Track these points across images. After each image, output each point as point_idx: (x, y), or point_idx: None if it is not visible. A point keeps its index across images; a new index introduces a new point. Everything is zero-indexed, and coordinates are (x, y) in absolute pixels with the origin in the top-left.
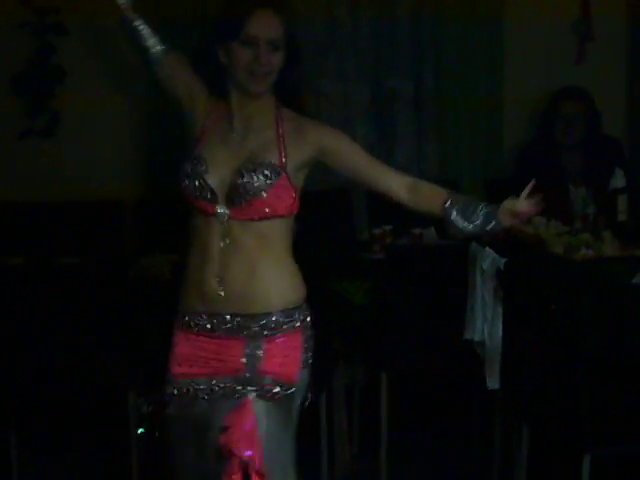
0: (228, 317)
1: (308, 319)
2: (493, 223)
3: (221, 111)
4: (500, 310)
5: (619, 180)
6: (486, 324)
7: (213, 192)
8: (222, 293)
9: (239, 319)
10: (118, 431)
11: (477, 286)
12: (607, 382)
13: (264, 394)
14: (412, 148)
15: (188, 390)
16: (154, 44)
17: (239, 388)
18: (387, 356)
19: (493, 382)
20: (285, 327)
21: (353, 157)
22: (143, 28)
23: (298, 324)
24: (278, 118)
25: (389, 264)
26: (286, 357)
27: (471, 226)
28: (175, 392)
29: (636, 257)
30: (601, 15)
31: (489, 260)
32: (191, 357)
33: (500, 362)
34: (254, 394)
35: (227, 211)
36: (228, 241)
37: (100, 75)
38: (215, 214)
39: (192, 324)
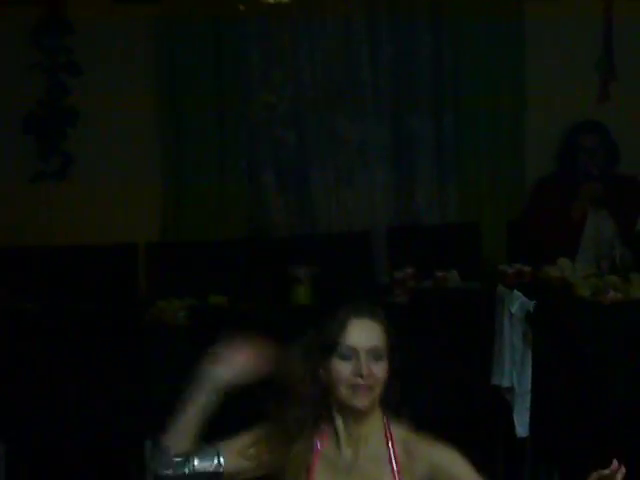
0: None
1: None
2: None
3: (327, 437)
4: (529, 354)
5: None
6: (515, 369)
7: None
8: None
9: None
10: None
11: (505, 330)
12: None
13: None
14: (432, 190)
15: None
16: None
17: None
18: (410, 401)
19: (522, 429)
20: None
21: (464, 476)
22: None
23: None
24: (388, 439)
25: (412, 308)
26: None
27: None
28: None
29: None
30: (623, 54)
31: (518, 303)
32: None
33: (530, 408)
34: None
35: None
36: None
37: (114, 116)
38: None
39: None
